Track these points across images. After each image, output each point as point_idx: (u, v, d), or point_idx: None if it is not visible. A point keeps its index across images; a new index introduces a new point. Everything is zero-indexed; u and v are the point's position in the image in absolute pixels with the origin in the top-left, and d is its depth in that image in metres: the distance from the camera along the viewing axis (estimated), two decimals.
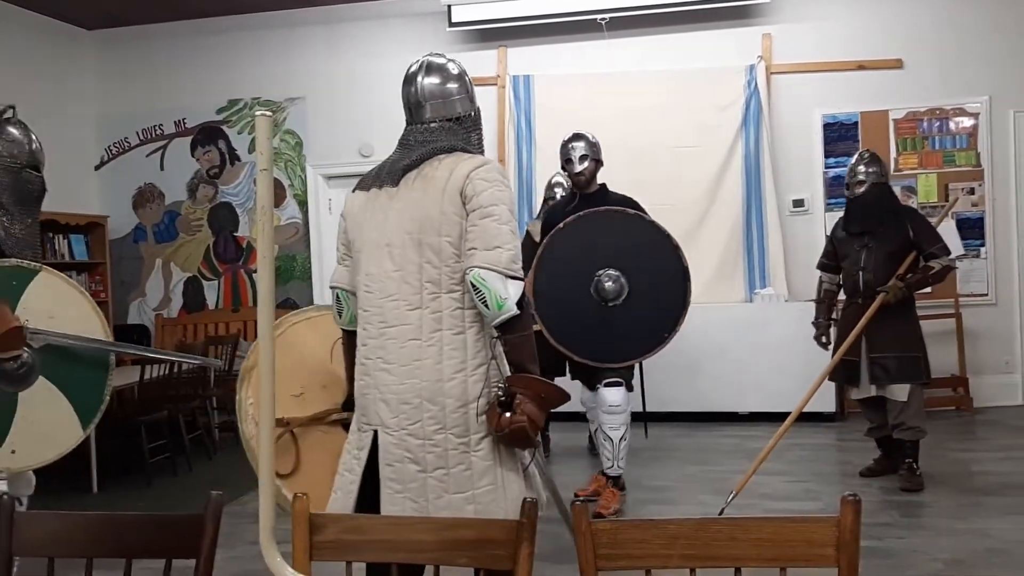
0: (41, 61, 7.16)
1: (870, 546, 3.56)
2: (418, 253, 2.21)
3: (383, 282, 2.24)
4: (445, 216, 2.19)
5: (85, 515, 1.67)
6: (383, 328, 2.23)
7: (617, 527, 1.49)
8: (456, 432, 2.18)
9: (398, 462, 2.18)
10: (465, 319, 2.20)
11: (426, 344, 2.18)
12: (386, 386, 2.20)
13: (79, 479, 5.02)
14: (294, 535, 1.57)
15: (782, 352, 6.06)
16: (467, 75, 2.43)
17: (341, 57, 7.37)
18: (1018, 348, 6.55)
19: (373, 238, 2.28)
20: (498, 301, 2.12)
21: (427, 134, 2.32)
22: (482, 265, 2.13)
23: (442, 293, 2.20)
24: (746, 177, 6.71)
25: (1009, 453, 5.16)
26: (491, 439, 2.19)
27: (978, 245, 6.55)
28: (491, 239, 2.15)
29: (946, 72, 6.54)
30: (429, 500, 2.17)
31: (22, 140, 3.23)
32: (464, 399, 2.18)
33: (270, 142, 1.34)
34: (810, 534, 1.43)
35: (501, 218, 2.17)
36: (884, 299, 4.41)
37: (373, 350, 2.24)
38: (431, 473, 2.17)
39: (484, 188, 2.18)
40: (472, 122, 2.39)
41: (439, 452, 2.17)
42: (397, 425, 2.19)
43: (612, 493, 4.23)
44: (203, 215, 7.68)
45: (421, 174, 2.26)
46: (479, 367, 2.20)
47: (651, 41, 6.89)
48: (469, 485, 2.18)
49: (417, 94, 2.35)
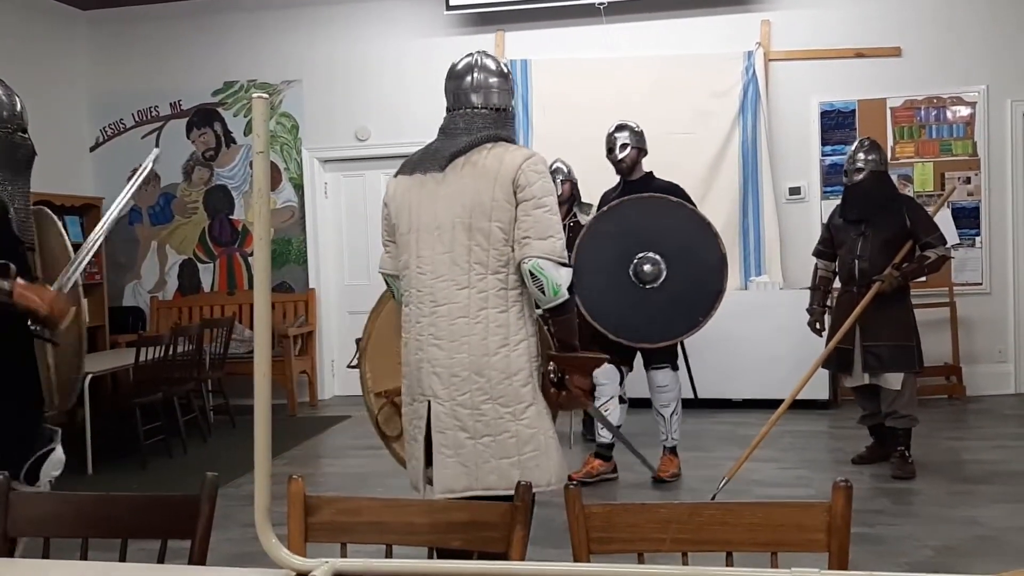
0: (35, 41, 7.12)
1: (861, 532, 3.59)
2: (467, 236, 2.37)
3: (434, 263, 2.41)
4: (496, 203, 2.35)
5: (80, 495, 1.67)
6: (434, 307, 2.40)
7: (610, 511, 1.51)
8: (502, 402, 2.37)
9: (449, 430, 2.38)
10: (508, 298, 2.39)
11: (473, 321, 2.36)
12: (437, 360, 2.39)
13: (74, 460, 5.02)
14: (289, 516, 1.58)
15: (776, 339, 6.08)
16: (511, 74, 2.61)
17: (339, 40, 7.33)
18: (1011, 337, 6.58)
19: (424, 222, 2.44)
20: (554, 287, 2.33)
21: (470, 120, 2.47)
22: (539, 255, 2.32)
23: (488, 274, 2.37)
24: (743, 164, 6.71)
25: (1000, 442, 5.19)
26: (535, 408, 2.40)
27: (973, 234, 6.56)
28: (544, 229, 2.34)
29: (944, 61, 6.54)
30: (478, 465, 2.37)
31: (6, 101, 2.87)
32: (508, 372, 2.37)
33: (267, 125, 1.33)
34: (801, 519, 1.44)
35: (552, 208, 2.37)
36: (879, 288, 4.42)
37: (425, 327, 2.42)
38: (479, 440, 2.37)
39: (536, 180, 2.35)
40: (509, 115, 2.55)
41: (486, 420, 2.36)
42: (448, 396, 2.38)
43: (670, 460, 4.58)
44: (199, 197, 7.66)
45: (469, 161, 2.42)
46: (520, 343, 2.39)
47: (649, 26, 6.87)
48: (515, 451, 2.37)
49: (469, 83, 2.50)
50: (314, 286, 7.47)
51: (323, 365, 7.48)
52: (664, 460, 4.56)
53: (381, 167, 7.43)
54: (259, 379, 1.39)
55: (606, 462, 4.61)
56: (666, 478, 4.47)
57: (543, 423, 2.42)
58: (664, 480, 4.46)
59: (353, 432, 6.20)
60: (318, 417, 6.79)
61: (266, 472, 1.37)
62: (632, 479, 4.60)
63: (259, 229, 1.32)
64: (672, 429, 4.56)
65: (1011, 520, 3.79)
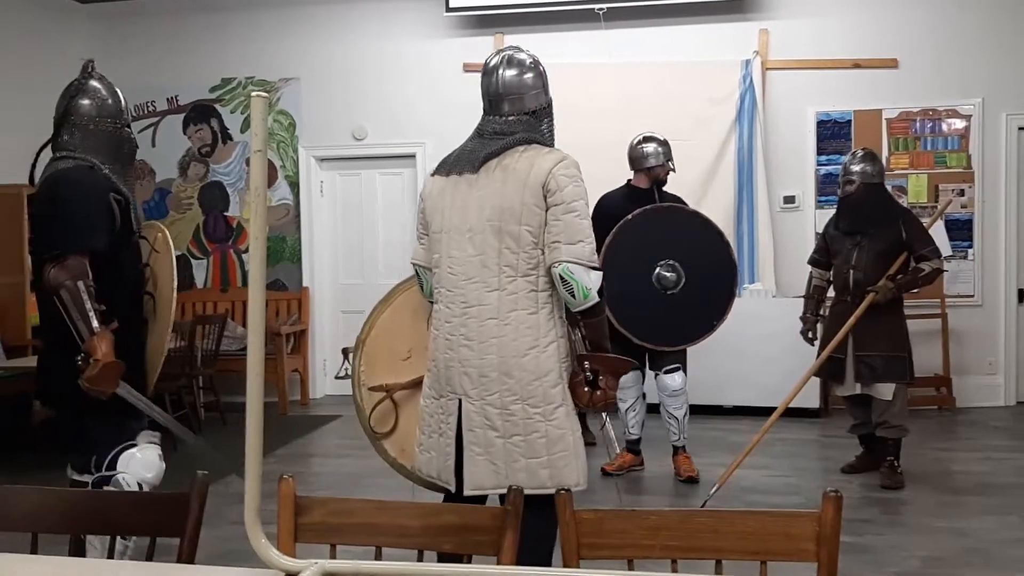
0: (34, 33, 7.09)
1: (850, 542, 3.59)
2: (498, 239, 2.40)
3: (465, 265, 2.44)
4: (526, 207, 2.37)
5: (69, 491, 1.67)
6: (465, 308, 2.44)
7: (601, 516, 1.51)
8: (532, 403, 2.39)
9: (479, 428, 2.42)
10: (538, 300, 2.41)
11: (503, 323, 2.39)
12: (467, 360, 2.42)
13: (62, 456, 4.99)
14: (279, 516, 1.58)
15: (768, 347, 6.09)
16: (542, 67, 2.61)
17: (337, 38, 7.33)
18: (1002, 349, 6.61)
19: (455, 223, 2.47)
20: (584, 291, 2.35)
21: (504, 126, 2.51)
22: (568, 259, 2.34)
23: (518, 277, 2.40)
24: (738, 171, 6.73)
25: (989, 453, 5.21)
26: (564, 409, 2.43)
27: (966, 246, 6.59)
28: (574, 234, 2.35)
29: (940, 73, 6.57)
30: (508, 464, 2.40)
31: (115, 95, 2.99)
32: (538, 373, 2.39)
33: (265, 124, 1.33)
34: (791, 528, 1.45)
35: (582, 213, 2.38)
36: (873, 299, 4.43)
37: (456, 327, 2.45)
38: (509, 439, 2.40)
39: (566, 184, 2.37)
40: (545, 113, 2.58)
41: (515, 420, 2.39)
42: (478, 395, 2.42)
43: (685, 458, 4.74)
44: (194, 193, 7.64)
45: (501, 164, 2.44)
46: (550, 344, 2.42)
47: (648, 32, 6.88)
48: (545, 451, 2.40)
49: (496, 86, 2.54)
50: (308, 284, 7.46)
51: (315, 364, 7.47)
52: (683, 459, 4.74)
53: (377, 167, 7.44)
54: (252, 379, 1.39)
55: (635, 456, 4.86)
56: (695, 476, 4.63)
57: (572, 424, 2.45)
58: (694, 479, 4.62)
59: (344, 432, 6.19)
60: (309, 416, 6.78)
61: (256, 472, 1.37)
62: (621, 485, 4.61)
63: (255, 228, 1.32)
64: (683, 430, 4.72)
65: (999, 532, 3.81)
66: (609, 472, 4.71)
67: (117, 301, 2.79)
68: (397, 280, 8.60)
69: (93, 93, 2.96)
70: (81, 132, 2.91)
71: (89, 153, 2.89)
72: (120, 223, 2.87)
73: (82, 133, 2.90)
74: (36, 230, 2.90)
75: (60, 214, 2.74)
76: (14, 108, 6.75)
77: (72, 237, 2.71)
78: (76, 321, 2.67)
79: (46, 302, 2.83)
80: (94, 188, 2.81)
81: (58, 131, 2.94)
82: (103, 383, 2.68)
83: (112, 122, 2.95)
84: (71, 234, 2.71)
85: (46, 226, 2.78)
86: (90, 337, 2.67)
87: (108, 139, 2.94)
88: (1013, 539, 3.73)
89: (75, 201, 2.75)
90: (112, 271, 2.81)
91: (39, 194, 2.89)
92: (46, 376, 2.95)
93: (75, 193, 2.77)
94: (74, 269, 2.66)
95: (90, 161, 2.87)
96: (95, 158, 2.88)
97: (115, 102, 2.99)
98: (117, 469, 2.81)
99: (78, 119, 2.92)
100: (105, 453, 2.84)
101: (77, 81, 3.00)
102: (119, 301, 2.81)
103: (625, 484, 4.65)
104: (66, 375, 2.74)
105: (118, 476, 2.79)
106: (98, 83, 2.99)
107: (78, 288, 2.65)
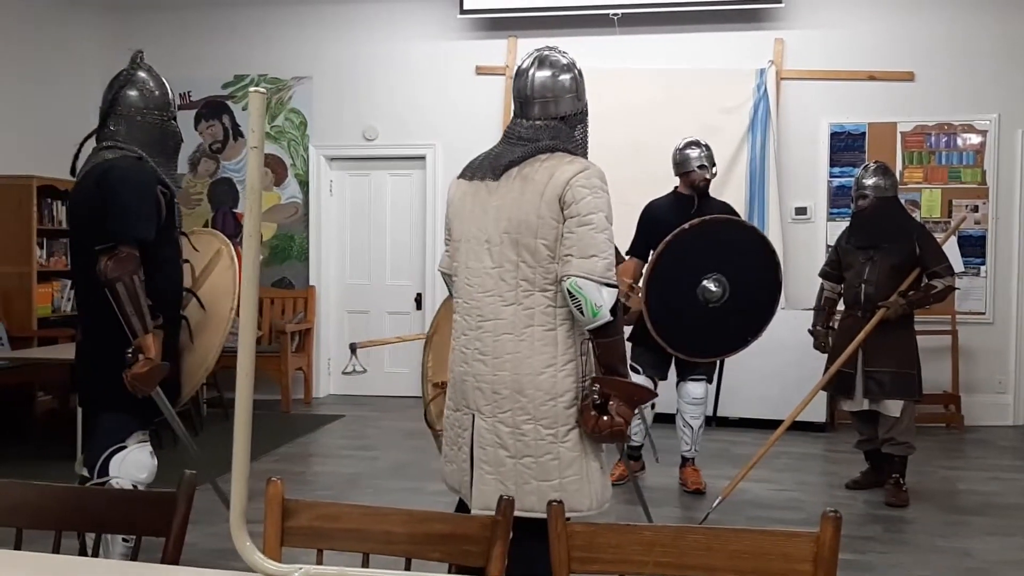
0: (45, 26, 7.11)
1: (851, 559, 3.55)
2: (515, 252, 2.30)
3: (481, 277, 2.35)
4: (542, 220, 2.26)
5: (55, 487, 1.64)
6: (480, 321, 2.34)
7: (594, 530, 1.47)
8: (545, 423, 2.29)
9: (490, 446, 2.33)
10: (556, 316, 2.30)
11: (518, 339, 2.29)
12: (481, 376, 2.33)
13: (64, 449, 5.00)
14: (266, 520, 1.55)
15: (775, 360, 6.02)
16: (577, 69, 2.45)
17: (351, 38, 7.32)
18: (1012, 368, 6.53)
19: (473, 232, 2.38)
20: (593, 309, 2.21)
21: (532, 131, 2.38)
22: (578, 274, 2.21)
23: (535, 291, 2.29)
24: (750, 181, 6.68)
25: (996, 473, 5.15)
26: (578, 431, 2.31)
27: (978, 263, 6.53)
28: (587, 247, 2.22)
29: (956, 88, 6.51)
30: (518, 485, 2.29)
31: (162, 87, 3.00)
32: (553, 393, 2.28)
33: (263, 120, 1.30)
34: (788, 548, 1.41)
35: (598, 226, 2.24)
36: (884, 314, 4.38)
37: (471, 341, 2.36)
38: (520, 460, 2.30)
39: (584, 196, 2.24)
40: (578, 119, 2.43)
41: (527, 441, 2.29)
42: (490, 412, 2.33)
43: (694, 471, 4.73)
44: (203, 189, 7.64)
45: (521, 173, 2.33)
46: (568, 363, 2.30)
47: (662, 39, 6.85)
48: (557, 474, 2.29)
49: (527, 89, 2.40)
50: (314, 283, 7.44)
51: (320, 363, 7.45)
52: (690, 471, 4.73)
53: (387, 167, 7.42)
54: (241, 379, 1.36)
55: (636, 461, 4.87)
56: (702, 489, 4.61)
57: (586, 446, 2.32)
58: (701, 492, 4.60)
59: (346, 432, 6.17)
60: (312, 415, 6.76)
61: (244, 474, 1.34)
62: (622, 496, 4.56)
63: (249, 225, 1.29)
64: (696, 440, 4.71)
65: (1002, 553, 3.75)
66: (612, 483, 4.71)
67: (156, 297, 2.79)
68: (404, 281, 8.60)
69: (141, 84, 2.95)
70: (128, 123, 2.91)
71: (135, 144, 2.88)
72: (164, 216, 2.87)
73: (128, 124, 2.91)
74: (82, 220, 2.87)
75: (111, 204, 2.72)
76: (22, 100, 6.77)
77: (124, 227, 2.70)
78: (130, 316, 2.67)
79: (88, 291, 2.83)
80: (143, 179, 2.81)
81: (104, 121, 2.94)
82: (146, 382, 2.70)
83: (159, 114, 2.96)
84: (123, 225, 2.71)
85: (95, 216, 2.75)
86: (144, 335, 2.68)
87: (155, 131, 2.94)
88: (1016, 560, 3.68)
89: (126, 192, 2.75)
90: (153, 265, 2.80)
91: (84, 184, 2.87)
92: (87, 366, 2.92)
93: (125, 183, 2.76)
94: (128, 263, 2.67)
95: (137, 152, 2.87)
96: (141, 150, 2.88)
97: (162, 94, 2.99)
98: (110, 474, 2.79)
99: (125, 110, 2.92)
100: (97, 455, 2.83)
101: (125, 71, 2.99)
102: (158, 297, 2.82)
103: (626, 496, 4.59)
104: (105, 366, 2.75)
105: (112, 482, 2.78)
106: (146, 74, 2.99)
107: (134, 283, 2.66)
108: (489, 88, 7.04)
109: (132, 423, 2.88)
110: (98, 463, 2.81)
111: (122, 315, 2.68)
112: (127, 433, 2.86)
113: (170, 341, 2.91)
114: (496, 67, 6.95)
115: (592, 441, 2.33)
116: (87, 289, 2.85)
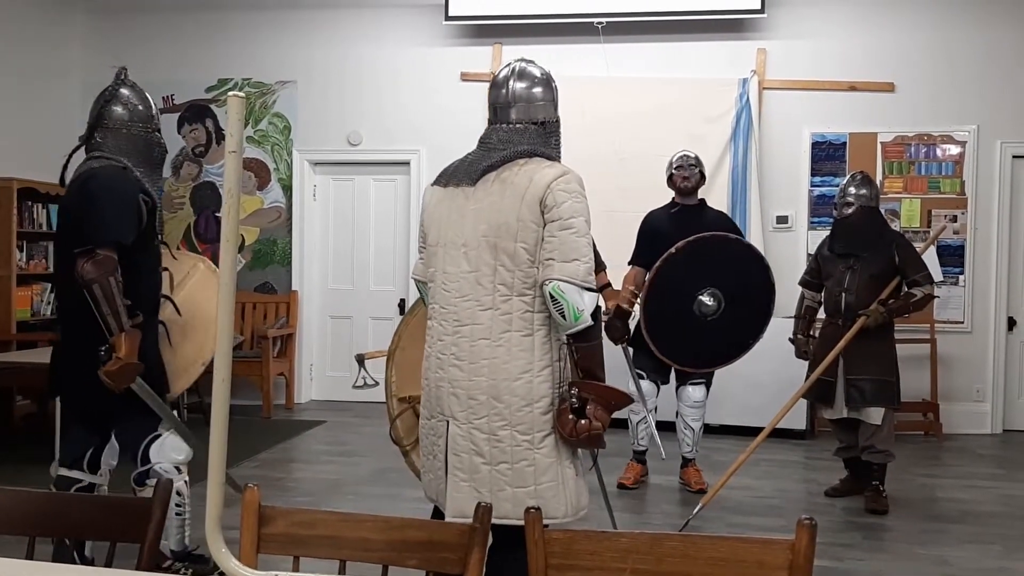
0: (28, 28, 7.06)
1: (830, 566, 3.57)
2: (493, 256, 2.29)
3: (458, 282, 2.34)
4: (523, 223, 2.26)
5: (29, 492, 1.63)
6: (457, 326, 2.33)
7: (571, 537, 1.48)
8: (521, 429, 2.28)
9: (464, 453, 2.31)
10: (534, 322, 2.30)
11: (495, 344, 2.28)
12: (456, 381, 2.32)
13: (42, 452, 4.95)
14: (242, 526, 1.55)
15: (755, 367, 6.01)
16: (554, 82, 2.50)
17: (336, 44, 7.31)
18: (990, 377, 6.59)
19: (451, 237, 2.37)
20: (575, 313, 2.21)
21: (509, 135, 2.39)
22: (560, 277, 2.21)
23: (513, 296, 2.29)
24: (732, 190, 6.71)
25: (974, 481, 5.19)
26: (554, 437, 2.30)
27: (957, 272, 6.59)
28: (569, 251, 2.23)
29: (936, 99, 6.58)
30: (493, 492, 2.28)
31: (145, 101, 3.17)
32: (529, 398, 2.28)
33: (242, 123, 1.30)
34: (764, 555, 1.42)
35: (579, 231, 2.25)
36: (864, 323, 4.42)
37: (447, 346, 2.35)
38: (495, 466, 2.29)
39: (564, 200, 2.25)
40: (554, 127, 2.46)
41: (503, 447, 2.28)
42: (465, 419, 2.31)
43: (696, 471, 4.85)
44: (186, 193, 7.60)
45: (499, 177, 2.33)
46: (544, 368, 2.30)
47: (646, 48, 6.88)
48: (532, 480, 2.28)
49: (506, 96, 2.42)
50: (297, 288, 7.41)
51: (301, 368, 7.42)
52: (693, 471, 4.84)
53: (371, 173, 7.41)
54: (218, 384, 1.35)
55: (642, 466, 4.96)
56: (705, 488, 4.63)
57: (562, 453, 2.32)
58: (704, 491, 4.58)
59: (328, 437, 6.15)
60: (293, 420, 6.73)
61: (219, 481, 1.33)
62: (602, 502, 4.56)
63: (226, 231, 1.29)
64: (697, 441, 4.84)
65: (980, 561, 3.78)
66: (628, 486, 4.81)
67: (134, 300, 2.92)
68: (388, 287, 8.55)
69: (125, 100, 3.12)
70: (114, 135, 3.07)
71: (121, 155, 3.04)
72: (145, 224, 3.01)
73: (115, 136, 3.07)
74: (67, 225, 3.04)
75: (91, 209, 2.87)
76: (3, 102, 6.72)
77: (102, 231, 2.84)
78: (106, 316, 2.80)
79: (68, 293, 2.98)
80: (125, 186, 2.96)
81: (91, 133, 3.10)
82: (118, 379, 2.83)
83: (143, 126, 3.13)
84: (101, 229, 2.84)
85: (78, 222, 2.90)
86: (119, 334, 2.81)
87: (139, 142, 3.10)
88: (994, 568, 3.71)
89: (106, 198, 2.89)
90: (133, 271, 2.93)
91: (71, 191, 3.04)
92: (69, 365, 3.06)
93: (106, 190, 2.90)
94: (106, 264, 2.79)
95: (123, 163, 3.02)
96: (127, 160, 3.04)
97: (145, 108, 3.16)
98: (151, 460, 3.02)
99: (111, 123, 3.08)
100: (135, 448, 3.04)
101: (110, 88, 3.15)
102: (136, 301, 2.94)
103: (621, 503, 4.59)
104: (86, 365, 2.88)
105: (155, 467, 3.00)
106: (129, 90, 3.16)
107: (110, 284, 2.79)
108: (474, 95, 7.03)
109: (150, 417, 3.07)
110: (139, 454, 3.03)
111: (99, 315, 2.81)
112: (157, 421, 3.06)
113: (146, 342, 3.01)
114: (481, 74, 6.95)
115: (567, 447, 2.33)
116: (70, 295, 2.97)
